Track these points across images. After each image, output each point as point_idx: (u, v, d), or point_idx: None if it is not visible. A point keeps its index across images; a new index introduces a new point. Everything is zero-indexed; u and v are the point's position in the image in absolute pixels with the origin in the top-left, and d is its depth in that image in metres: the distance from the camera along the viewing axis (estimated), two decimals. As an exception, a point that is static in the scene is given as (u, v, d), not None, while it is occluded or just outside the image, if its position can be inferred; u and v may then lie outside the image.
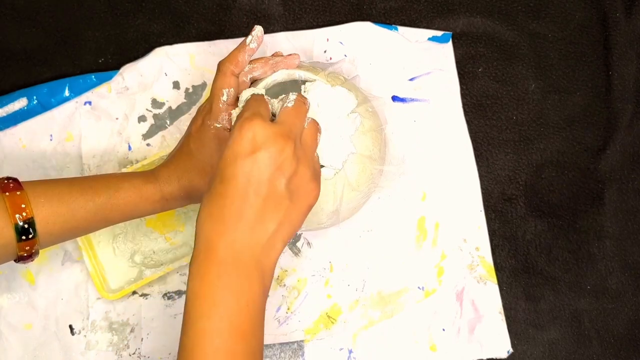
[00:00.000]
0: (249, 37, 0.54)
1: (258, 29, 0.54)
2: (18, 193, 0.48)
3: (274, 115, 0.48)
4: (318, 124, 0.49)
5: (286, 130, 0.44)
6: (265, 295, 0.44)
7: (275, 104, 0.49)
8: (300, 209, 0.45)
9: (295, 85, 0.57)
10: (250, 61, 0.55)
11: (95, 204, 0.51)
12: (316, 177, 0.47)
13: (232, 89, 0.53)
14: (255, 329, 0.42)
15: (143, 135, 0.67)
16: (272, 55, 0.57)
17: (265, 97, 0.49)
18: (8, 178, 0.49)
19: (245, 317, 0.42)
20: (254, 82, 0.56)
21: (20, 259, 0.50)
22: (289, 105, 0.47)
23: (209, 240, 0.43)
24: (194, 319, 0.41)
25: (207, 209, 0.43)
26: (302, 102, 0.48)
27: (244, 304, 0.42)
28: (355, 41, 0.68)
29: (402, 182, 0.65)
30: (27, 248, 0.49)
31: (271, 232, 0.44)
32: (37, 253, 0.50)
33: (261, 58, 0.56)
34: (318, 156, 0.50)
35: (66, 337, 0.63)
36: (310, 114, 0.53)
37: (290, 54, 0.56)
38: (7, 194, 0.47)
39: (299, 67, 0.56)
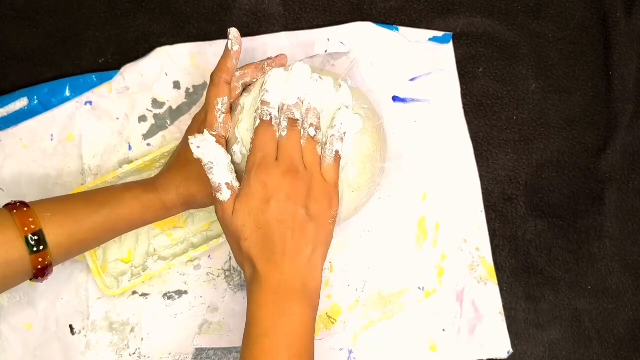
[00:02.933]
0: (229, 42, 0.55)
1: (233, 31, 0.55)
2: (25, 209, 0.51)
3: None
4: (316, 139, 0.52)
5: (288, 164, 0.51)
6: (314, 313, 0.50)
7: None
8: (325, 226, 0.51)
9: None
10: (241, 67, 0.57)
11: (100, 215, 0.53)
12: (329, 189, 0.52)
13: (225, 98, 0.55)
14: (308, 346, 0.49)
15: (143, 135, 0.67)
16: (261, 60, 0.58)
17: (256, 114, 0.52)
18: (15, 201, 0.52)
19: (300, 335, 0.49)
20: (247, 87, 0.57)
21: (35, 276, 0.52)
22: (283, 134, 0.52)
23: (261, 274, 0.49)
24: (255, 337, 0.48)
25: (253, 249, 0.50)
26: (293, 126, 0.52)
27: (297, 325, 0.49)
28: (356, 41, 0.68)
29: (402, 182, 0.65)
30: (40, 260, 0.50)
31: (309, 255, 0.50)
32: (50, 268, 0.52)
33: (251, 64, 0.58)
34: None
35: (66, 337, 0.63)
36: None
37: (278, 55, 0.58)
38: (14, 211, 0.50)
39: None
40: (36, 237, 0.50)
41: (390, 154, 0.63)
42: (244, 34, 0.68)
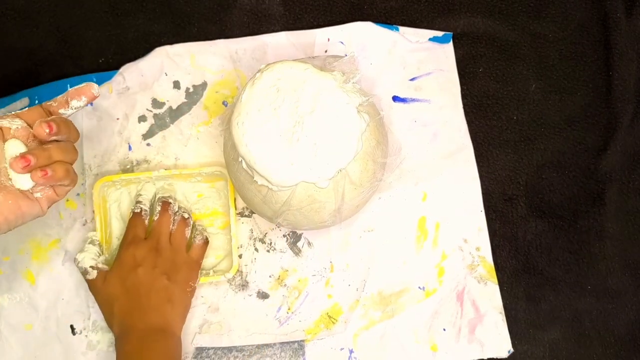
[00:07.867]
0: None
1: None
2: None
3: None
4: (187, 221, 0.63)
5: (155, 241, 0.61)
6: (177, 341, 0.59)
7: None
8: (184, 292, 0.60)
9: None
10: (27, 111, 0.51)
11: None
12: (191, 264, 0.61)
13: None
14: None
15: (143, 135, 0.67)
16: (63, 94, 0.53)
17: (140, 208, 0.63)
18: None
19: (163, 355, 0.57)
20: None
21: None
22: (155, 218, 0.62)
23: (128, 325, 0.57)
24: None
25: (124, 307, 0.58)
26: (165, 210, 0.62)
27: (162, 349, 0.57)
28: (356, 41, 0.68)
29: (402, 182, 0.66)
30: None
31: (169, 310, 0.58)
32: None
33: (35, 108, 0.52)
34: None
35: (67, 337, 0.63)
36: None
37: (83, 85, 0.52)
38: None
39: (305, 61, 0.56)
40: None
41: (390, 150, 0.63)
42: (244, 33, 0.68)
